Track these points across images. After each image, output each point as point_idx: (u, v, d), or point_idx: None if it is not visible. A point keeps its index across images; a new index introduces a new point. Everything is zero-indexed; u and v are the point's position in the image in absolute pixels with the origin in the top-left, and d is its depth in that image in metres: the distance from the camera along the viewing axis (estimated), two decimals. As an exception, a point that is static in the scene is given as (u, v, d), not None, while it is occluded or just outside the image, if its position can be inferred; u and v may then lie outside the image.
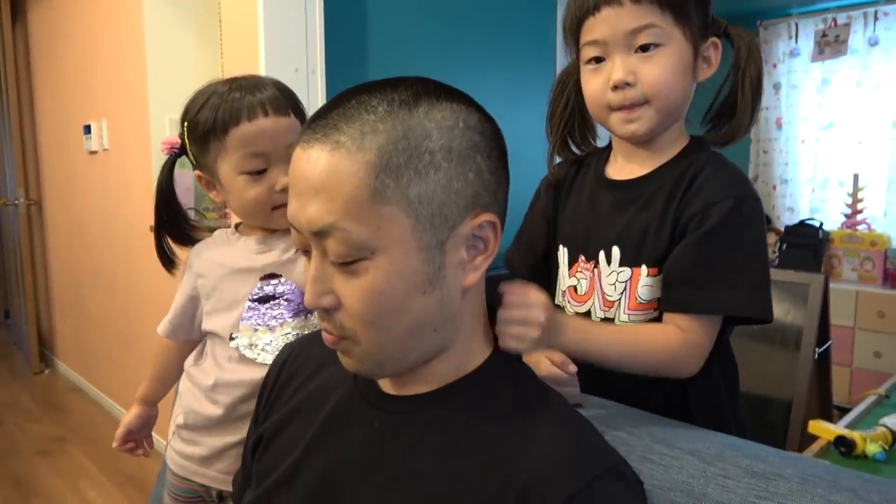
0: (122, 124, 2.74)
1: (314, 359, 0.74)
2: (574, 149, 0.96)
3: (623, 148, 0.89)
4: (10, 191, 3.88)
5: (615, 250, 0.85)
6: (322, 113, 0.57)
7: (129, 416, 1.10)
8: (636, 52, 0.79)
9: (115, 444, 1.09)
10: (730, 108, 0.85)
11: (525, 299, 0.64)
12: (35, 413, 3.16)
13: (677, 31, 0.79)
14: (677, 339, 0.76)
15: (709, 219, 0.77)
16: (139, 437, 1.11)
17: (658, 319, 0.81)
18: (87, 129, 2.99)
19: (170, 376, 1.09)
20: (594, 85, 0.83)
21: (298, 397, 0.72)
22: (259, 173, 0.92)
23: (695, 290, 0.76)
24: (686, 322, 0.77)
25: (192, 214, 1.22)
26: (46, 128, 3.62)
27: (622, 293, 0.83)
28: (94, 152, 2.99)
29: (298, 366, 0.76)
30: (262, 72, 1.85)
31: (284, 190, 0.92)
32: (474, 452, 0.57)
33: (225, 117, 0.90)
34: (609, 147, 0.93)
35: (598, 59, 0.81)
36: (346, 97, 0.57)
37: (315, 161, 0.54)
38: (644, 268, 0.82)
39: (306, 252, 0.59)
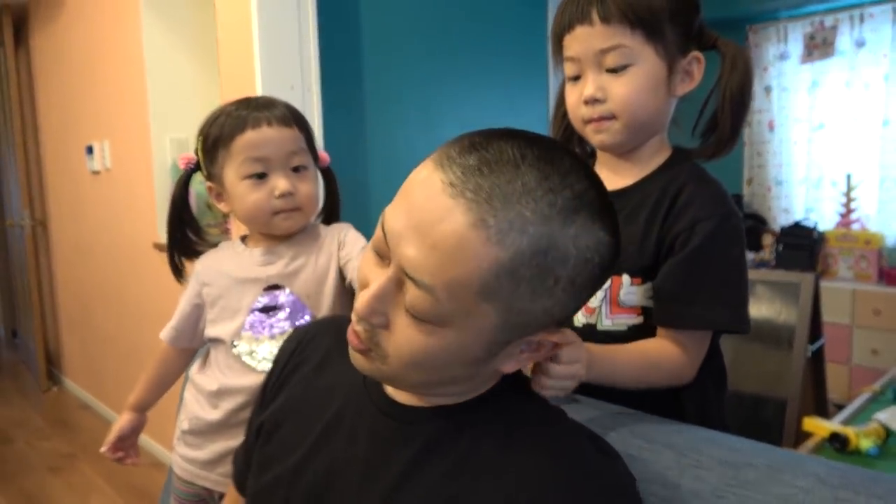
0: (124, 144, 2.79)
1: (324, 347, 0.76)
2: None
3: (606, 158, 0.93)
4: (16, 212, 3.94)
5: None
6: (482, 165, 0.52)
7: (120, 422, 1.13)
8: (607, 70, 0.83)
9: (103, 449, 1.11)
10: (714, 122, 0.88)
11: (576, 355, 0.66)
12: (45, 431, 3.20)
13: (648, 50, 0.82)
14: (678, 354, 0.81)
15: (694, 237, 0.80)
16: (127, 444, 1.14)
17: (643, 325, 0.85)
18: (90, 150, 3.04)
19: (165, 383, 1.13)
20: (572, 99, 0.88)
21: (306, 387, 0.73)
22: (260, 178, 0.98)
23: (685, 306, 0.81)
24: (681, 337, 0.82)
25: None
26: (50, 149, 3.68)
27: (602, 300, 0.87)
28: (96, 172, 3.05)
29: (309, 353, 0.76)
30: (258, 89, 1.90)
31: (283, 195, 0.98)
32: (477, 472, 0.57)
33: (231, 128, 0.98)
34: (595, 155, 0.97)
35: (576, 78, 0.86)
36: (512, 165, 0.52)
37: (449, 219, 0.51)
38: (626, 276, 0.85)
39: (380, 256, 0.58)
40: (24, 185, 3.75)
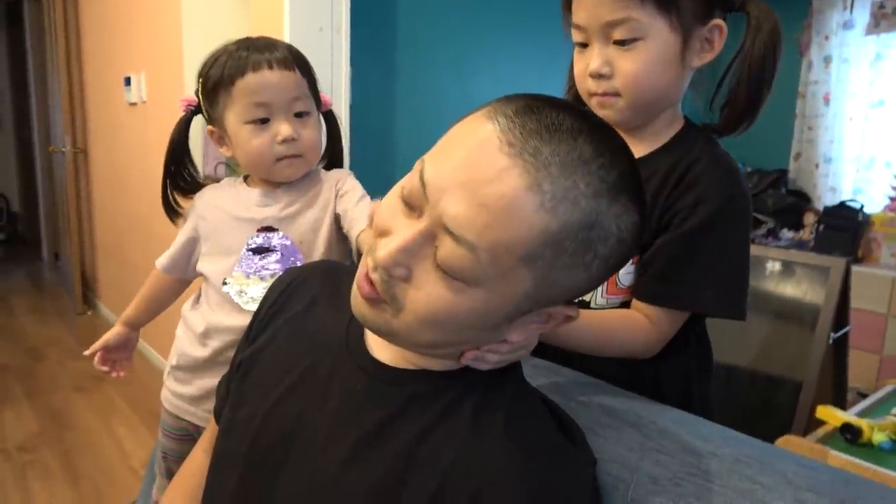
0: (160, 77, 2.80)
1: (312, 292, 0.75)
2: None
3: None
4: (59, 138, 4.03)
5: None
6: (542, 129, 0.51)
7: (108, 333, 1.15)
8: (614, 43, 0.77)
9: (87, 352, 1.14)
10: (732, 95, 0.80)
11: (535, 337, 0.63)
12: (76, 351, 3.33)
13: (660, 22, 0.75)
14: (644, 330, 0.78)
15: (694, 217, 0.76)
16: (116, 357, 1.17)
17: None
18: (128, 81, 3.07)
19: (156, 305, 1.15)
20: (579, 68, 0.82)
21: (289, 330, 0.73)
22: (262, 123, 0.96)
23: (669, 285, 0.77)
24: (654, 313, 0.78)
25: (223, 169, 1.26)
26: (92, 78, 3.73)
27: None
28: (133, 104, 3.08)
29: (298, 296, 0.76)
30: (286, 30, 1.87)
31: (286, 141, 0.96)
32: (442, 443, 0.57)
33: (232, 70, 0.96)
34: None
35: (584, 45, 0.81)
36: (571, 135, 0.51)
37: (504, 179, 0.49)
38: None
39: (409, 206, 0.55)
40: (66, 112, 3.81)
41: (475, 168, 0.51)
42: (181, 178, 1.09)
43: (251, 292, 0.99)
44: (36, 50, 4.81)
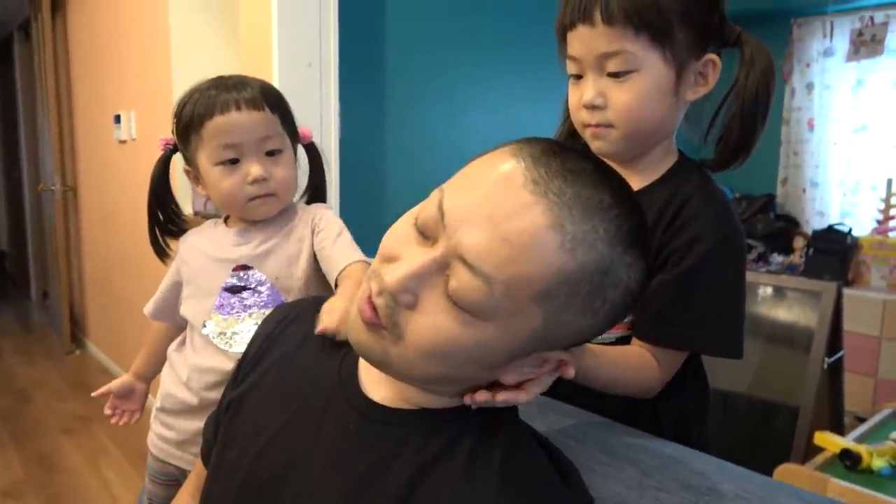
0: (150, 115, 2.81)
1: (305, 328, 0.73)
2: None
3: (609, 161, 0.87)
4: (49, 177, 4.02)
5: None
6: (565, 171, 0.52)
7: (115, 380, 1.15)
8: (608, 75, 0.77)
9: (94, 394, 1.13)
10: (726, 131, 0.81)
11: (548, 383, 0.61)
12: (63, 392, 3.28)
13: (654, 55, 0.75)
14: (653, 368, 0.78)
15: (690, 256, 0.76)
16: (120, 405, 1.15)
17: (630, 336, 0.81)
18: (118, 119, 3.07)
19: (157, 354, 1.13)
20: (573, 99, 0.83)
21: (281, 368, 0.71)
22: (232, 164, 0.96)
23: (669, 325, 0.77)
24: (657, 352, 0.78)
25: (212, 205, 1.24)
26: (82, 116, 3.73)
27: None
28: (123, 141, 3.08)
29: (290, 332, 0.74)
30: (275, 66, 1.88)
31: (256, 181, 0.96)
32: (438, 485, 0.55)
33: (201, 111, 0.95)
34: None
35: (579, 76, 0.81)
36: (592, 181, 0.53)
37: (527, 215, 0.50)
38: None
39: (423, 235, 0.55)
40: (56, 150, 3.81)
41: (498, 202, 0.51)
42: (167, 219, 1.09)
43: (230, 332, 0.98)
44: (26, 89, 4.83)
